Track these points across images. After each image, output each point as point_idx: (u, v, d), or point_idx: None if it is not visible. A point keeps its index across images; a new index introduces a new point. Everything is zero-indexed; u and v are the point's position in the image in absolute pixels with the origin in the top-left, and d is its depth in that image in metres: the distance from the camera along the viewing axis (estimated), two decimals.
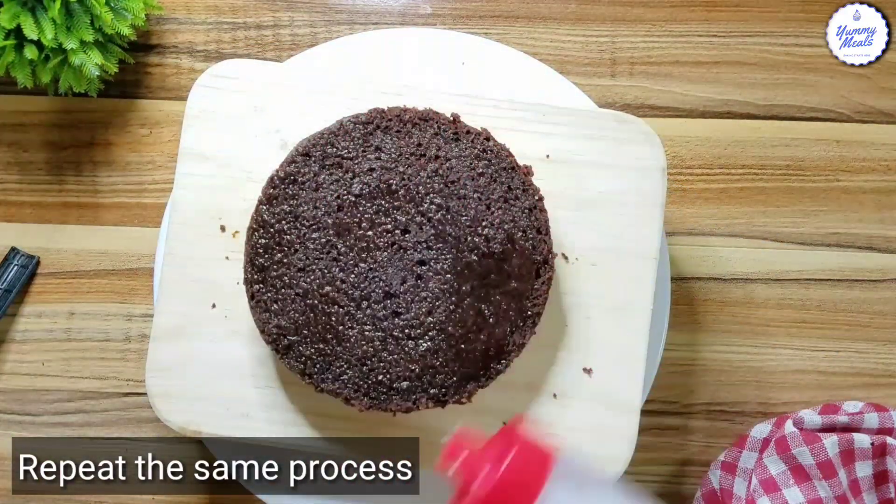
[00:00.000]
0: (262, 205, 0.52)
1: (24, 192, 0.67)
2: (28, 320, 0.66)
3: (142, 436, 0.65)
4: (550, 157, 0.55)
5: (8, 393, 0.65)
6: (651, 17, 0.68)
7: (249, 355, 0.55)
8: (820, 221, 0.66)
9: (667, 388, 0.65)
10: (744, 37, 0.68)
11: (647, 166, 0.55)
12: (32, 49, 0.59)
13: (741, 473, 0.62)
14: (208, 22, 0.68)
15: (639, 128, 0.55)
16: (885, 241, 0.66)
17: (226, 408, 0.54)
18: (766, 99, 0.67)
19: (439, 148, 0.52)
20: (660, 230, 0.55)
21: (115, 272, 0.66)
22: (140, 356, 0.65)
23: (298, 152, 0.52)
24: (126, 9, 0.62)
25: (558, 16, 0.68)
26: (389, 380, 0.50)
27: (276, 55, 0.67)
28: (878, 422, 0.60)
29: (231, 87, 0.55)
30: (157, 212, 0.66)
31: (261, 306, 0.52)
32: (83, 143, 0.67)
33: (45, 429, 0.65)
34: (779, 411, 0.65)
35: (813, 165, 0.67)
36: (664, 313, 0.60)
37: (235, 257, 0.55)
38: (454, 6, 0.68)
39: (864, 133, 0.67)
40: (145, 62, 0.67)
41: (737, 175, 0.67)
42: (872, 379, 0.65)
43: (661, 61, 0.67)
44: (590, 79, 0.67)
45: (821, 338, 0.66)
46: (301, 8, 0.68)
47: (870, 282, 0.66)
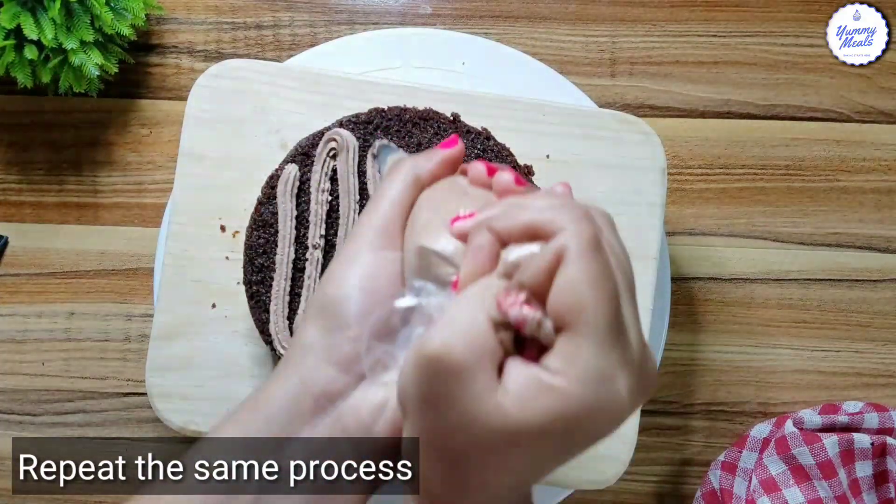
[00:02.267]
0: (262, 205, 0.52)
1: (24, 192, 0.67)
2: (28, 320, 0.66)
3: (142, 436, 0.65)
4: (550, 157, 0.55)
5: (8, 393, 0.65)
6: (651, 17, 0.68)
7: (249, 355, 0.55)
8: (820, 221, 0.66)
9: (667, 388, 0.65)
10: (744, 37, 0.68)
11: (647, 166, 0.55)
12: (32, 49, 0.59)
13: (741, 473, 0.62)
14: (208, 22, 0.68)
15: (639, 128, 0.55)
16: (885, 241, 0.66)
17: (226, 408, 0.54)
18: (766, 99, 0.67)
19: None
20: (660, 230, 0.55)
21: (115, 272, 0.66)
22: (140, 356, 0.65)
23: (298, 152, 0.52)
24: (126, 9, 0.62)
25: (558, 16, 0.68)
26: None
27: (276, 55, 0.67)
28: (878, 422, 0.60)
29: (231, 87, 0.55)
30: (157, 212, 0.66)
31: (261, 306, 0.52)
32: (83, 143, 0.67)
33: (45, 429, 0.65)
34: (779, 411, 0.65)
35: (813, 165, 0.67)
36: (664, 313, 0.60)
37: (235, 257, 0.55)
38: (454, 6, 0.68)
39: (864, 133, 0.67)
40: (145, 62, 0.67)
41: (737, 175, 0.67)
42: (872, 379, 0.65)
43: (661, 61, 0.67)
44: (590, 79, 0.67)
45: (821, 338, 0.66)
46: (301, 8, 0.68)
47: (870, 282, 0.66)
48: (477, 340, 0.29)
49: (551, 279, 0.29)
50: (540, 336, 0.29)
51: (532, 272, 0.29)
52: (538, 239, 0.31)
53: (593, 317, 0.28)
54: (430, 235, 0.33)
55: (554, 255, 0.29)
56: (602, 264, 0.29)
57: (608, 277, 0.29)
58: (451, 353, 0.28)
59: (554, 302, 0.29)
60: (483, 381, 0.28)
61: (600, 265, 0.29)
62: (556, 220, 0.30)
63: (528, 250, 0.30)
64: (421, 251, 0.33)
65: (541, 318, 0.29)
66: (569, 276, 0.29)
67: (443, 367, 0.28)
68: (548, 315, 0.29)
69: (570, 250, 0.29)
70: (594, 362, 0.28)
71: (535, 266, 0.29)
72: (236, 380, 0.54)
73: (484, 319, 0.29)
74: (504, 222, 0.31)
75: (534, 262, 0.29)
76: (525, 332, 0.29)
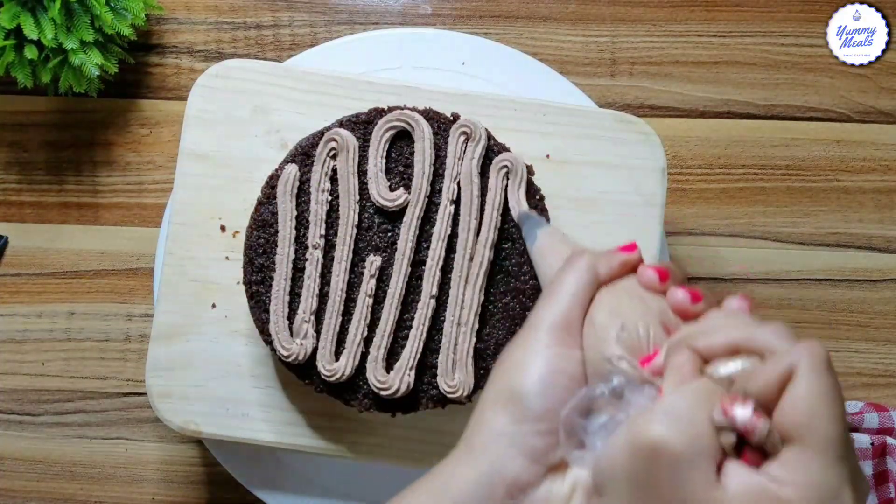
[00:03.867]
0: (262, 205, 0.52)
1: (24, 192, 0.67)
2: (28, 320, 0.66)
3: (142, 436, 0.65)
4: (550, 157, 0.55)
5: (8, 393, 0.65)
6: (651, 17, 0.68)
7: (249, 355, 0.55)
8: (820, 221, 0.66)
9: None
10: (744, 37, 0.68)
11: (647, 166, 0.55)
12: (32, 49, 0.59)
13: None
14: (208, 22, 0.68)
15: (639, 128, 0.55)
16: (885, 241, 0.66)
17: (225, 408, 0.54)
18: (766, 99, 0.67)
19: (439, 148, 0.52)
20: (660, 230, 0.55)
21: (115, 272, 0.66)
22: (140, 356, 0.65)
23: (298, 152, 0.52)
24: (126, 9, 0.62)
25: (558, 16, 0.68)
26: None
27: (276, 55, 0.67)
28: (878, 422, 0.60)
29: (231, 88, 0.55)
30: (157, 212, 0.66)
31: (261, 306, 0.52)
32: (83, 143, 0.67)
33: (45, 429, 0.65)
34: None
35: (813, 165, 0.67)
36: None
37: (235, 257, 0.55)
38: (454, 6, 0.68)
39: (864, 133, 0.67)
40: (145, 62, 0.67)
41: (737, 175, 0.67)
42: (872, 379, 0.65)
43: (661, 61, 0.67)
44: (590, 79, 0.67)
45: (821, 338, 0.66)
46: (301, 8, 0.68)
47: (870, 282, 0.66)
48: (697, 435, 0.30)
49: (780, 392, 0.30)
50: (766, 445, 0.30)
51: (762, 383, 0.31)
52: (741, 354, 0.32)
53: (825, 432, 0.30)
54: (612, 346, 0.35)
55: (785, 369, 0.30)
56: (834, 382, 0.31)
57: (839, 396, 0.31)
58: (672, 443, 0.30)
59: (785, 414, 0.30)
60: (702, 476, 0.30)
61: (832, 383, 0.31)
62: (765, 339, 0.32)
63: (739, 365, 0.32)
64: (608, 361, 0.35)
65: (771, 428, 0.30)
66: (802, 391, 0.30)
67: (661, 454, 0.30)
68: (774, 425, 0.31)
69: (802, 367, 0.30)
70: (824, 477, 0.30)
71: (765, 378, 0.31)
72: (236, 380, 0.54)
73: (704, 418, 0.30)
74: (706, 341, 0.33)
75: (762, 374, 0.31)
76: (752, 439, 0.30)
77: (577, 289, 0.38)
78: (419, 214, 0.51)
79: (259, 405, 0.54)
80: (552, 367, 0.35)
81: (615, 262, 0.39)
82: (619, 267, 0.39)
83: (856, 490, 0.31)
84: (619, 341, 0.35)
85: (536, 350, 0.36)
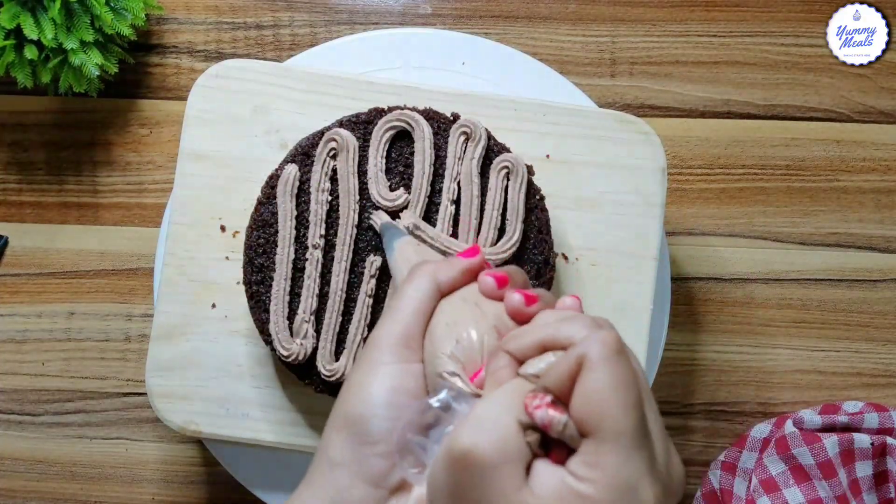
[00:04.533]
0: (262, 205, 0.52)
1: (24, 192, 0.67)
2: (28, 320, 0.66)
3: (142, 436, 0.65)
4: (550, 157, 0.55)
5: (8, 393, 0.65)
6: (651, 17, 0.68)
7: (249, 355, 0.55)
8: (820, 221, 0.66)
9: (667, 388, 0.65)
10: (744, 37, 0.68)
11: (647, 166, 0.55)
12: (32, 49, 0.59)
13: (741, 473, 0.62)
14: (208, 22, 0.68)
15: (639, 128, 0.55)
16: (885, 241, 0.66)
17: (225, 408, 0.54)
18: (766, 99, 0.67)
19: (440, 148, 0.52)
20: (660, 230, 0.55)
21: (115, 272, 0.66)
22: (140, 356, 0.65)
23: (298, 152, 0.52)
24: (126, 9, 0.62)
25: (558, 16, 0.68)
26: None
27: (276, 55, 0.67)
28: (878, 422, 0.60)
29: (231, 87, 0.55)
30: (157, 212, 0.66)
31: (261, 306, 0.52)
32: (83, 143, 0.67)
33: (45, 429, 0.65)
34: (779, 411, 0.65)
35: (813, 165, 0.67)
36: (664, 313, 0.60)
37: (235, 257, 0.55)
38: (454, 6, 0.68)
39: (864, 133, 0.67)
40: (145, 62, 0.67)
41: (737, 175, 0.67)
42: (872, 379, 0.65)
43: (661, 61, 0.67)
44: (590, 79, 0.67)
45: (821, 338, 0.66)
46: (301, 8, 0.68)
47: (870, 282, 0.66)
48: (504, 439, 0.30)
49: (572, 384, 0.30)
50: (565, 438, 0.30)
51: (554, 377, 0.30)
52: (552, 350, 0.32)
53: (616, 423, 0.29)
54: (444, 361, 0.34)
55: (575, 361, 0.30)
56: (625, 369, 0.30)
57: (631, 383, 0.30)
58: (479, 451, 0.29)
59: (577, 407, 0.30)
60: (510, 480, 0.29)
61: (623, 371, 0.30)
62: (567, 331, 0.31)
63: (545, 361, 0.32)
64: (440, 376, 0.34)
65: (567, 421, 0.30)
66: (591, 382, 0.30)
67: (470, 463, 0.30)
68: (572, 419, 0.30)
69: (591, 356, 0.30)
70: (620, 469, 0.29)
71: (557, 371, 0.30)
72: (236, 380, 0.54)
73: (511, 420, 0.30)
74: (517, 343, 0.33)
75: (556, 367, 0.31)
76: (551, 433, 0.30)
77: (418, 301, 0.37)
78: (419, 214, 0.51)
79: (259, 405, 0.54)
80: (391, 385, 0.35)
81: (456, 270, 0.38)
82: (460, 274, 0.38)
83: (659, 482, 0.30)
84: (452, 356, 0.34)
85: (375, 370, 0.36)
